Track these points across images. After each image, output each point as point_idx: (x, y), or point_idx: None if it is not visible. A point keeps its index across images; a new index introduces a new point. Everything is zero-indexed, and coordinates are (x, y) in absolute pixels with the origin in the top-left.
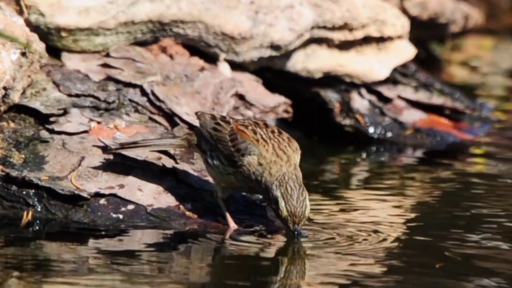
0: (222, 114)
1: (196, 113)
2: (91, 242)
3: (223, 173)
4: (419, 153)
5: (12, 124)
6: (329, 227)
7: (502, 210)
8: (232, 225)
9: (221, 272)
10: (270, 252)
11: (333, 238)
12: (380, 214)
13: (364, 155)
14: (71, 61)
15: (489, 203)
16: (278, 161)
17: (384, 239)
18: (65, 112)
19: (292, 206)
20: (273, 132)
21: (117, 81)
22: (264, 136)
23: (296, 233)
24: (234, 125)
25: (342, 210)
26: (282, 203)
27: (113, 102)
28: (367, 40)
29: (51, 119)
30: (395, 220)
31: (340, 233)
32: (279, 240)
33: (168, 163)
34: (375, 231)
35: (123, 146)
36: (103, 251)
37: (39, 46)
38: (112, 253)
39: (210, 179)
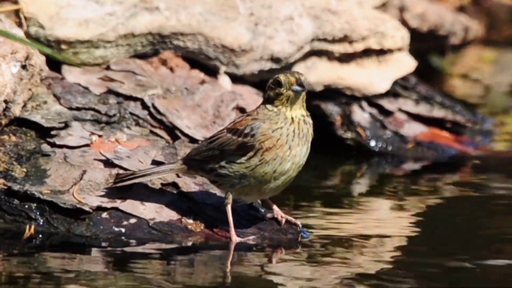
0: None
1: (187, 155)
2: (93, 255)
3: (246, 175)
4: (420, 165)
5: (13, 138)
6: (330, 238)
7: (503, 221)
8: (234, 238)
9: (222, 286)
10: (272, 266)
11: (334, 250)
12: (381, 225)
13: (365, 168)
14: (71, 74)
15: (491, 215)
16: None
17: (385, 249)
18: (66, 126)
19: (283, 72)
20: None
21: (117, 94)
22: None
23: (303, 82)
24: (227, 127)
25: (343, 221)
26: (275, 77)
27: (114, 115)
28: (367, 52)
29: (52, 132)
30: (396, 231)
31: (342, 244)
32: (280, 254)
33: (170, 177)
34: (377, 241)
35: (122, 179)
36: (105, 265)
37: (39, 58)
38: (114, 266)
39: (212, 192)
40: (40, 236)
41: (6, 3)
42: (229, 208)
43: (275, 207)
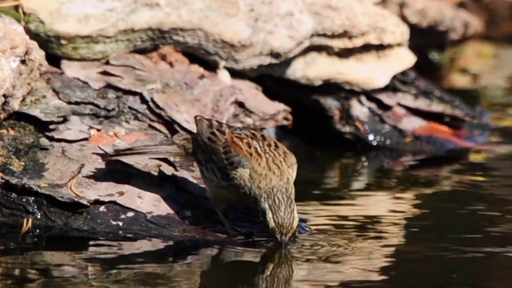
0: (221, 121)
1: (195, 117)
2: (91, 249)
3: (217, 187)
4: (418, 159)
5: (11, 132)
6: (328, 233)
7: (502, 216)
8: (231, 232)
9: (220, 280)
10: (269, 260)
11: (333, 245)
12: (381, 220)
13: (363, 162)
14: (70, 69)
15: (489, 208)
16: (269, 174)
17: (385, 245)
18: (64, 120)
19: (279, 218)
20: (269, 145)
21: (116, 89)
22: (259, 149)
23: (283, 244)
24: (229, 137)
25: (341, 216)
26: (269, 215)
27: (113, 109)
28: (366, 47)
29: (51, 126)
30: (395, 225)
31: (340, 239)
32: (278, 248)
33: (168, 170)
34: (376, 237)
35: (119, 152)
36: (102, 259)
37: (39, 53)
38: (112, 261)
39: None
40: (38, 229)
41: None
42: (217, 206)
43: None
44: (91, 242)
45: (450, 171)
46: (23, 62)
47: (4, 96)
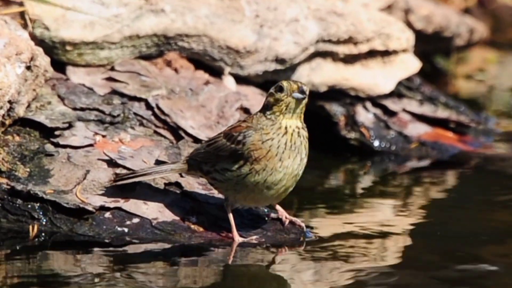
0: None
1: (189, 155)
2: (96, 255)
3: (239, 183)
4: (423, 165)
5: (17, 138)
6: (333, 237)
7: (508, 221)
8: (237, 238)
9: (225, 286)
10: (275, 266)
11: (337, 250)
12: (386, 225)
13: (368, 168)
14: (76, 75)
15: (495, 214)
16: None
17: (390, 249)
18: (70, 126)
19: (285, 81)
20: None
21: (122, 95)
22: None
23: (304, 90)
24: (224, 131)
25: (346, 221)
26: (278, 83)
27: (118, 115)
28: (372, 53)
29: (56, 132)
30: (400, 231)
31: (344, 245)
32: (283, 254)
33: (173, 176)
34: (381, 242)
35: (122, 177)
36: (108, 265)
37: (44, 60)
38: (117, 266)
39: (215, 192)
40: (43, 235)
41: (12, 5)
42: (229, 209)
43: (279, 207)
44: (96, 248)
45: (455, 176)
46: (28, 68)
47: (10, 102)
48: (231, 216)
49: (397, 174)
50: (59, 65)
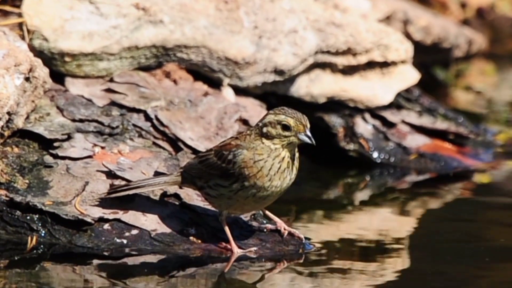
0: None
1: (182, 167)
2: (95, 267)
3: (232, 198)
4: (422, 177)
5: (16, 149)
6: (332, 249)
7: (506, 232)
8: (236, 250)
9: None
10: (273, 278)
11: (336, 262)
12: (384, 237)
13: (367, 178)
14: (74, 86)
15: (493, 227)
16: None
17: (388, 261)
18: (69, 137)
19: (290, 114)
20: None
21: (121, 106)
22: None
23: (309, 137)
24: (214, 147)
25: (345, 233)
26: (282, 117)
27: (117, 127)
28: (370, 65)
29: (55, 144)
30: (399, 242)
31: (344, 256)
32: (282, 266)
33: (172, 188)
34: (379, 254)
35: (116, 190)
36: (107, 276)
37: (43, 71)
38: (116, 278)
39: None
40: (42, 247)
41: (11, 16)
42: (224, 223)
43: (277, 219)
44: (95, 260)
45: (454, 188)
46: (27, 79)
47: (8, 113)
48: (227, 229)
49: (396, 187)
50: (58, 76)
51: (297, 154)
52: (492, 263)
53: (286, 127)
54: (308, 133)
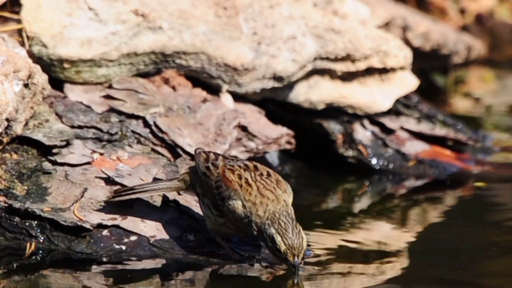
0: (218, 153)
1: (194, 151)
2: (94, 273)
3: (216, 223)
4: (421, 183)
5: (14, 156)
6: (330, 255)
7: (506, 239)
8: (234, 256)
9: None
10: (272, 284)
11: (335, 267)
12: (383, 244)
13: (366, 185)
14: (73, 93)
15: (494, 233)
16: (264, 201)
17: (387, 268)
18: (67, 144)
19: (289, 239)
20: (261, 174)
21: (119, 113)
22: (249, 179)
23: (296, 266)
24: (221, 170)
25: (343, 240)
26: (278, 238)
27: (116, 133)
28: (369, 71)
29: (54, 150)
30: (398, 249)
31: (342, 263)
32: (281, 271)
33: (171, 194)
34: (378, 261)
35: (120, 194)
36: (105, 283)
37: (42, 77)
38: (115, 284)
39: None
40: (41, 253)
41: (9, 22)
42: (217, 238)
43: None
44: (94, 266)
45: (453, 195)
46: (26, 86)
47: (7, 120)
48: (220, 240)
49: (395, 194)
50: (57, 83)
51: None
52: (491, 267)
53: (278, 249)
54: (296, 262)
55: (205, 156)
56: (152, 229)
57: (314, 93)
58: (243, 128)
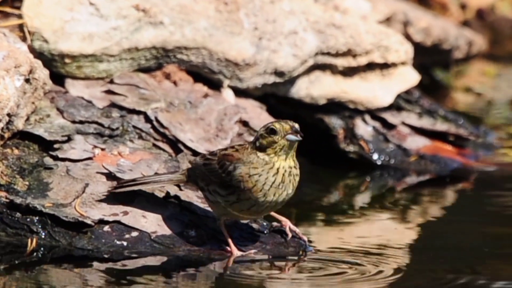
0: (212, 151)
1: (190, 162)
2: (95, 268)
3: (226, 208)
4: (422, 179)
5: (16, 151)
6: (332, 252)
7: (507, 235)
8: (236, 252)
9: None
10: (273, 280)
11: (336, 263)
12: (385, 239)
13: (368, 181)
14: (74, 88)
15: (495, 228)
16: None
17: (389, 264)
18: (69, 139)
19: (277, 120)
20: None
21: (121, 108)
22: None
23: (295, 130)
24: (219, 155)
25: (345, 235)
26: (268, 124)
27: (117, 128)
28: (371, 66)
29: (55, 145)
30: (399, 245)
31: (343, 258)
32: (282, 267)
33: (172, 190)
34: (380, 256)
35: (122, 185)
36: (107, 278)
37: (43, 72)
38: (116, 280)
39: None
40: (42, 249)
41: (11, 17)
42: (222, 226)
43: (283, 218)
44: (95, 262)
45: (454, 190)
46: (27, 81)
47: (8, 115)
48: (225, 232)
49: (397, 189)
50: (58, 78)
51: (296, 172)
52: (493, 263)
53: (273, 131)
54: (296, 129)
55: (200, 157)
56: (154, 225)
57: (315, 88)
58: (245, 123)
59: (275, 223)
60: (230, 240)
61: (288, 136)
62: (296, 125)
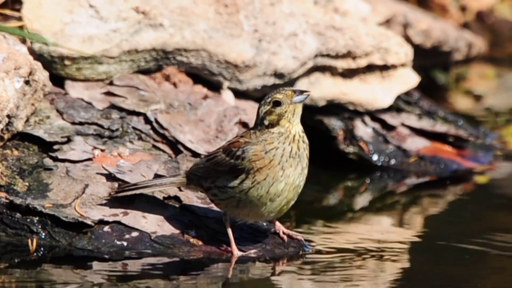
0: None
1: (190, 168)
2: (95, 269)
3: (242, 199)
4: (422, 180)
5: (16, 152)
6: (332, 252)
7: (506, 235)
8: (236, 252)
9: None
10: (273, 280)
11: (336, 264)
12: (384, 240)
13: (367, 182)
14: (74, 89)
15: (494, 229)
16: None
17: (388, 264)
18: (68, 140)
19: (273, 92)
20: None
21: (120, 109)
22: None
23: (298, 92)
24: (223, 146)
25: (345, 236)
26: (268, 100)
27: (117, 130)
28: (370, 68)
29: (55, 147)
30: (398, 245)
31: (343, 259)
32: (282, 268)
33: (172, 190)
34: (379, 257)
35: (123, 189)
36: (107, 279)
37: (43, 74)
38: (116, 280)
39: (213, 206)
40: (42, 249)
41: (11, 20)
42: (228, 224)
43: (277, 222)
44: (95, 262)
45: (454, 191)
46: (27, 82)
47: (8, 116)
48: (229, 230)
49: (396, 190)
50: (58, 80)
51: (306, 140)
52: (492, 264)
53: (278, 103)
54: (298, 90)
55: (198, 160)
56: (154, 225)
57: (315, 89)
58: (244, 125)
59: (271, 229)
60: (233, 239)
61: (295, 99)
62: (295, 88)
